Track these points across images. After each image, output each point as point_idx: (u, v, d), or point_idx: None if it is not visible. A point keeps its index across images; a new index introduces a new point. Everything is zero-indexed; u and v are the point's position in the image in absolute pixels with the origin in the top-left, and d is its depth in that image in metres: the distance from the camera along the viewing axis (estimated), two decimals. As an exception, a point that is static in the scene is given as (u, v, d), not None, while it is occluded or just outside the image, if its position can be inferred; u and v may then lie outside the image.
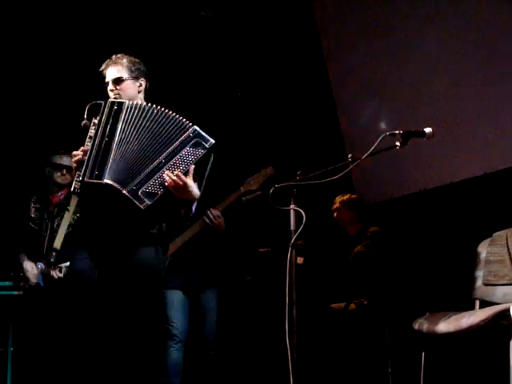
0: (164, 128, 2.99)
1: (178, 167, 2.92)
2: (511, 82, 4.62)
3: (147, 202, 2.87)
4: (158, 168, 2.93)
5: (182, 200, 2.98)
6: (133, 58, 3.27)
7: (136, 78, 3.23)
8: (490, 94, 4.77)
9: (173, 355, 3.96)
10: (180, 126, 2.99)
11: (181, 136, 2.96)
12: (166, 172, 2.91)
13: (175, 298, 4.08)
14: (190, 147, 2.95)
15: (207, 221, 4.06)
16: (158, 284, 3.18)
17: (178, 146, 2.95)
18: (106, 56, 3.32)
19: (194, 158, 2.94)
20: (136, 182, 2.90)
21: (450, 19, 4.98)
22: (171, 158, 2.93)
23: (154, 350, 3.30)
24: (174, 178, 2.89)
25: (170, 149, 2.95)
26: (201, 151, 2.95)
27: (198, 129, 2.99)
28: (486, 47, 4.74)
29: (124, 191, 2.88)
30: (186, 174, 2.92)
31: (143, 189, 2.89)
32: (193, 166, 2.94)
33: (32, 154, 4.94)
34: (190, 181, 2.93)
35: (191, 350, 4.10)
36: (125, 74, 3.20)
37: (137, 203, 2.87)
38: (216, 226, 4.09)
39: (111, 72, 3.21)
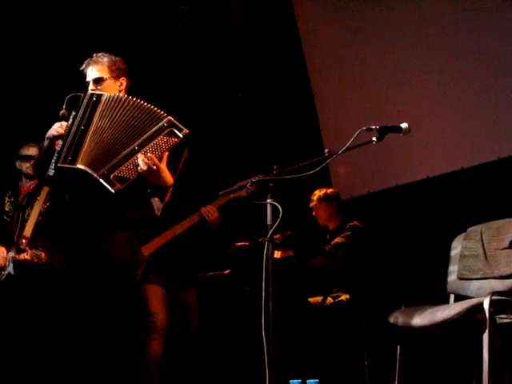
0: (139, 118, 3.01)
1: (151, 154, 2.94)
2: (487, 79, 4.68)
3: (118, 185, 2.88)
4: (132, 154, 2.94)
5: (155, 186, 3.00)
6: (113, 57, 3.28)
7: (117, 78, 3.25)
8: (468, 91, 4.82)
9: (153, 348, 3.95)
10: (155, 116, 3.02)
11: (155, 125, 2.99)
12: (140, 156, 2.92)
13: (155, 292, 4.07)
14: (164, 135, 2.97)
15: (203, 215, 4.07)
16: (132, 277, 3.19)
17: (153, 134, 2.97)
18: (81, 50, 3.31)
19: (167, 146, 2.97)
20: (108, 166, 2.91)
21: (429, 17, 5.03)
22: (145, 145, 2.95)
23: (134, 342, 3.30)
24: (148, 160, 2.90)
25: (144, 136, 2.97)
26: (174, 140, 2.98)
27: (172, 119, 3.02)
28: (465, 45, 4.80)
29: (95, 175, 2.89)
30: (159, 160, 2.96)
31: (115, 173, 2.90)
32: (166, 153, 2.97)
33: (2, 149, 4.89)
34: (163, 166, 2.96)
35: (171, 345, 4.10)
36: (105, 74, 3.22)
37: (108, 187, 2.87)
38: (211, 221, 4.11)
39: (92, 71, 3.23)
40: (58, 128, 3.07)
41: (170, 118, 3.02)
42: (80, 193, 3.07)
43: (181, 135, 2.99)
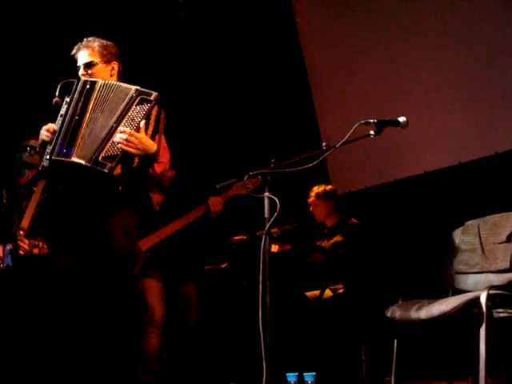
0: (117, 98, 3.01)
1: (128, 127, 2.94)
2: (485, 74, 4.68)
3: (110, 164, 2.88)
4: (112, 132, 2.94)
5: (141, 157, 2.97)
6: (104, 42, 3.26)
7: (108, 62, 3.23)
8: (466, 86, 4.82)
9: (151, 341, 3.96)
10: (125, 91, 3.02)
11: (125, 98, 2.99)
12: (118, 134, 2.92)
13: (153, 285, 4.07)
14: (136, 105, 2.97)
15: (209, 205, 4.08)
16: (130, 268, 3.19)
17: (125, 107, 2.98)
18: (77, 40, 3.28)
19: (142, 114, 2.96)
20: (93, 150, 2.91)
21: (427, 12, 5.03)
22: (121, 120, 2.95)
23: (131, 335, 3.30)
24: (126, 135, 2.90)
25: (118, 112, 2.98)
26: (147, 105, 2.98)
27: (139, 88, 3.02)
28: (464, 40, 4.80)
29: (84, 163, 2.89)
30: (137, 130, 2.95)
31: (102, 154, 2.90)
32: (143, 122, 2.96)
33: (2, 142, 4.89)
34: (141, 135, 2.94)
35: (168, 338, 4.11)
36: (96, 58, 3.20)
37: (100, 169, 2.87)
38: (213, 212, 4.12)
39: (82, 56, 3.21)
40: (46, 133, 3.05)
41: (136, 87, 3.02)
42: (75, 181, 3.06)
43: (151, 99, 2.98)
